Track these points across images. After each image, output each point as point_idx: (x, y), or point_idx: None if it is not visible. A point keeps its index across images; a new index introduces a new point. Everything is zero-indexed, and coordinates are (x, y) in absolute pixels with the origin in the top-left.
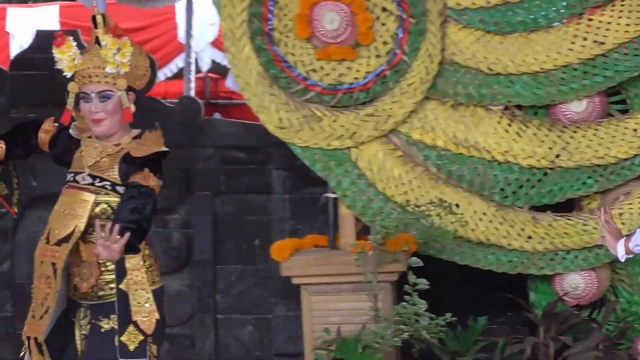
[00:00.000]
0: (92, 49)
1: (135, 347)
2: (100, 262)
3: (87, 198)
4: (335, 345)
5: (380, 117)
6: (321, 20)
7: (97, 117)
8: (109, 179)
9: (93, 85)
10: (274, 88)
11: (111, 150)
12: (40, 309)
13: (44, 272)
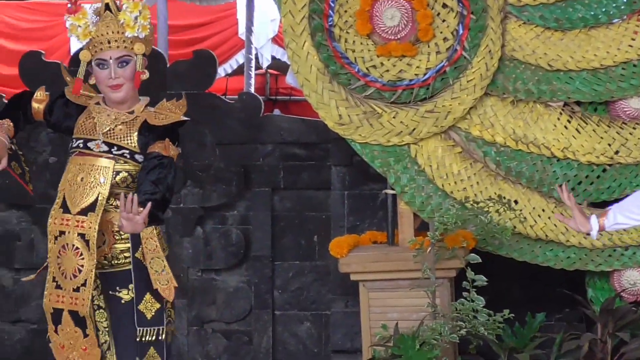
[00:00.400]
0: (105, 15)
1: (152, 315)
2: (114, 230)
3: (106, 164)
4: (392, 342)
5: (440, 114)
6: (381, 16)
7: (117, 82)
8: (128, 147)
9: (111, 51)
10: (333, 84)
11: (125, 118)
12: (74, 281)
13: (68, 242)
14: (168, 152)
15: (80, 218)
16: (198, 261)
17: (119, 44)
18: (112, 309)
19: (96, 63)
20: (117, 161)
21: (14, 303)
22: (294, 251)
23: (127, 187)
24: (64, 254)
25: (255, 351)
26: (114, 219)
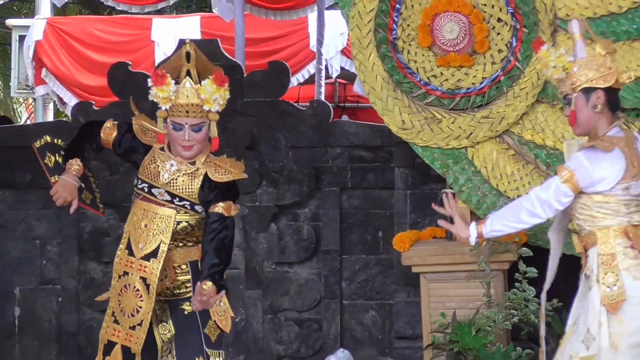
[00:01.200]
0: (186, 82)
1: (215, 339)
2: (176, 265)
3: (168, 214)
4: (450, 329)
5: (495, 119)
6: (441, 30)
7: (189, 144)
8: (189, 199)
9: (189, 119)
10: (397, 92)
11: (187, 169)
12: (131, 320)
13: (130, 283)
14: (229, 213)
15: (143, 263)
16: (272, 255)
17: (196, 114)
18: (176, 323)
19: (172, 123)
20: (178, 211)
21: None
22: (360, 246)
23: (186, 234)
24: (125, 293)
25: (324, 338)
26: (175, 255)
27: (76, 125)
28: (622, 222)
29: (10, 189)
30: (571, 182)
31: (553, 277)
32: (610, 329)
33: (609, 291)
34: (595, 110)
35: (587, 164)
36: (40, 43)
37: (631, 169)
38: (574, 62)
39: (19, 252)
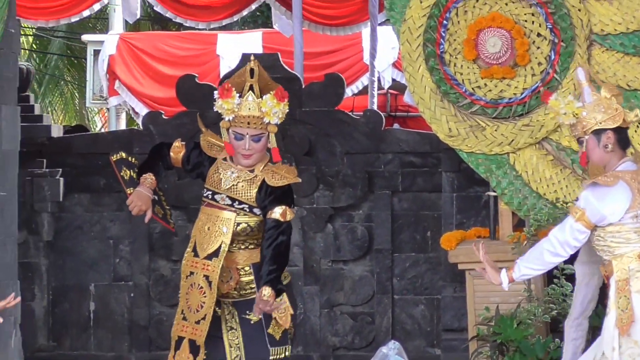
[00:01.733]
0: (249, 96)
1: (279, 336)
2: (239, 267)
3: (229, 217)
4: (494, 322)
5: (535, 127)
6: (485, 44)
7: (249, 153)
8: (247, 202)
9: (249, 129)
10: (444, 102)
11: (246, 176)
12: (196, 315)
13: (196, 281)
14: (285, 218)
15: (206, 262)
16: (329, 253)
17: (257, 125)
18: (243, 329)
19: (234, 133)
20: (238, 214)
21: (172, 290)
22: (410, 245)
23: (246, 235)
24: (191, 291)
25: (377, 330)
26: (237, 257)
27: (147, 132)
28: (635, 249)
29: (86, 193)
30: (583, 220)
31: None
32: (623, 352)
33: (621, 314)
34: (606, 150)
35: (594, 201)
36: (114, 57)
37: (638, 198)
38: (583, 107)
39: (94, 251)
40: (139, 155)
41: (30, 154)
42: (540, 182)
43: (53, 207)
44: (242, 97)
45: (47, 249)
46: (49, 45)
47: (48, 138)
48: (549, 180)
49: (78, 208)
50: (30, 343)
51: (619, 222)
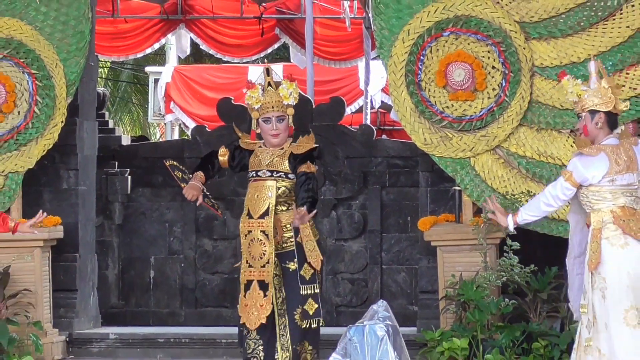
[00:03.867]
0: (269, 90)
1: (309, 277)
2: (283, 225)
3: (271, 184)
4: (458, 285)
5: (490, 137)
6: (452, 74)
7: (277, 132)
8: (283, 170)
9: (274, 112)
10: (421, 119)
11: (279, 152)
12: (260, 261)
13: (255, 237)
14: (310, 169)
15: (260, 220)
16: (333, 233)
17: (279, 108)
18: (284, 276)
19: (263, 120)
20: (277, 181)
21: (213, 261)
22: (395, 227)
23: (286, 197)
24: (252, 245)
25: (369, 292)
26: (281, 217)
27: (194, 141)
28: (609, 206)
29: (148, 187)
30: (571, 180)
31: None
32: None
33: (592, 255)
34: (597, 126)
35: (580, 166)
36: (169, 84)
37: (615, 167)
38: (586, 91)
39: (153, 232)
40: (187, 159)
41: (105, 158)
42: (494, 180)
43: (122, 198)
44: (264, 90)
45: (117, 230)
46: (120, 74)
47: (119, 146)
48: (500, 178)
49: (142, 199)
50: (105, 302)
51: (598, 184)
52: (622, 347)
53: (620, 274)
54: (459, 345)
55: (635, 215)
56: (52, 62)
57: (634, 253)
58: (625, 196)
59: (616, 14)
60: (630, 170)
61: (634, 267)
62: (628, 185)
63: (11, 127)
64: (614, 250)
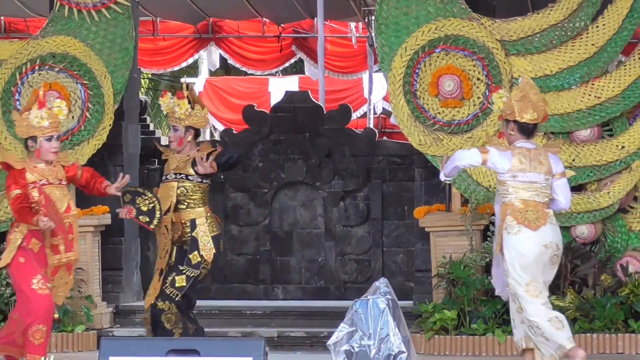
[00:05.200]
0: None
1: (194, 262)
2: (183, 222)
3: (173, 184)
4: (448, 265)
5: (475, 139)
6: (443, 85)
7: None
8: (185, 173)
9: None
10: (416, 123)
11: (185, 158)
12: (163, 251)
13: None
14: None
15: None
16: (341, 221)
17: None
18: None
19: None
20: (179, 182)
21: (239, 244)
22: (394, 215)
23: (184, 196)
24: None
25: (372, 271)
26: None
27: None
28: (512, 200)
29: None
30: (484, 152)
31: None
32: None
33: (498, 241)
34: (510, 132)
35: (494, 151)
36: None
37: (517, 165)
38: (504, 103)
39: None
40: None
41: (147, 156)
42: (479, 175)
43: None
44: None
45: None
46: (159, 85)
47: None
48: (484, 173)
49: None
50: (146, 278)
51: (503, 178)
52: (530, 310)
53: (517, 257)
54: (449, 316)
55: (537, 207)
56: (101, 74)
57: (526, 239)
58: (528, 191)
59: (583, 34)
60: (537, 170)
61: (526, 251)
62: (531, 183)
63: (66, 130)
64: (509, 237)
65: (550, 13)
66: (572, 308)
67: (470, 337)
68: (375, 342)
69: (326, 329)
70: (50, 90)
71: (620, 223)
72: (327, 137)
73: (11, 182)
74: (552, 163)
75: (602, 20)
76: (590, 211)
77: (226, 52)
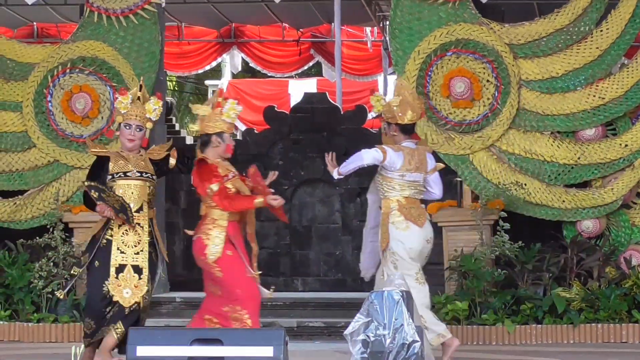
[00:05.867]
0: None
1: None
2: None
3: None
4: (460, 258)
5: (485, 138)
6: (454, 86)
7: (132, 138)
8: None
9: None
10: (429, 123)
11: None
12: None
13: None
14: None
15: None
16: (357, 216)
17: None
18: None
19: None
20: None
21: (260, 237)
22: None
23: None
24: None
25: None
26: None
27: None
28: (396, 195)
29: None
30: (383, 151)
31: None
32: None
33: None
34: (392, 132)
35: (391, 151)
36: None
37: (407, 165)
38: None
39: None
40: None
41: None
42: (489, 172)
43: (187, 186)
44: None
45: (183, 213)
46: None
47: (184, 144)
48: (494, 171)
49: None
50: (172, 271)
51: (390, 175)
52: (418, 298)
53: (405, 250)
54: (460, 307)
55: (416, 204)
56: (129, 76)
57: (414, 234)
58: (410, 189)
59: (588, 38)
60: (419, 170)
61: (413, 244)
62: (414, 182)
63: (96, 130)
64: (398, 232)
65: (556, 18)
66: (577, 299)
67: (480, 327)
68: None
69: (343, 320)
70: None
71: (624, 218)
72: (344, 137)
73: (209, 176)
74: (428, 161)
75: (605, 25)
76: (595, 207)
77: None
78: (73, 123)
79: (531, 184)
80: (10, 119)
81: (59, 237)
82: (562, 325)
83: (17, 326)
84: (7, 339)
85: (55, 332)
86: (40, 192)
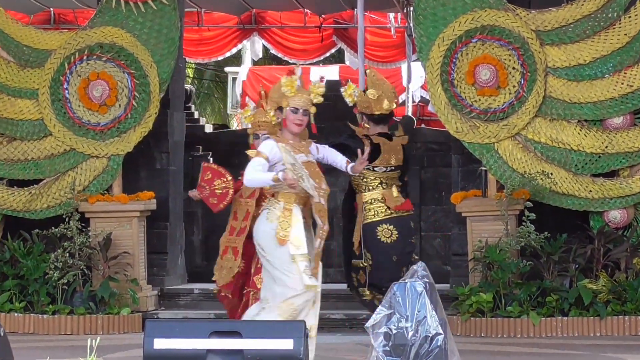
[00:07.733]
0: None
1: None
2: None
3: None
4: (484, 249)
5: (510, 126)
6: (480, 74)
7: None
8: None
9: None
10: (453, 111)
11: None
12: None
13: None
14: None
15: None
16: None
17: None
18: None
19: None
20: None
21: None
22: (432, 200)
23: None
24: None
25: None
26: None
27: None
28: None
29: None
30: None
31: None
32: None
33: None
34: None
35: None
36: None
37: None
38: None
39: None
40: None
41: (192, 143)
42: (514, 161)
43: None
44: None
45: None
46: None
47: (203, 133)
48: (519, 160)
49: None
50: (190, 262)
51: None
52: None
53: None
54: (485, 299)
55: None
56: (147, 63)
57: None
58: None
59: (616, 24)
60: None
61: None
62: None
63: (113, 118)
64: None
65: (583, 4)
66: (604, 291)
67: (505, 319)
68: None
69: (365, 312)
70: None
71: None
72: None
73: None
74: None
75: (634, 11)
76: (623, 196)
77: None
78: (90, 111)
79: (557, 174)
80: (26, 106)
81: (75, 227)
82: (588, 318)
83: (32, 318)
84: (22, 331)
85: (71, 324)
86: (56, 181)
